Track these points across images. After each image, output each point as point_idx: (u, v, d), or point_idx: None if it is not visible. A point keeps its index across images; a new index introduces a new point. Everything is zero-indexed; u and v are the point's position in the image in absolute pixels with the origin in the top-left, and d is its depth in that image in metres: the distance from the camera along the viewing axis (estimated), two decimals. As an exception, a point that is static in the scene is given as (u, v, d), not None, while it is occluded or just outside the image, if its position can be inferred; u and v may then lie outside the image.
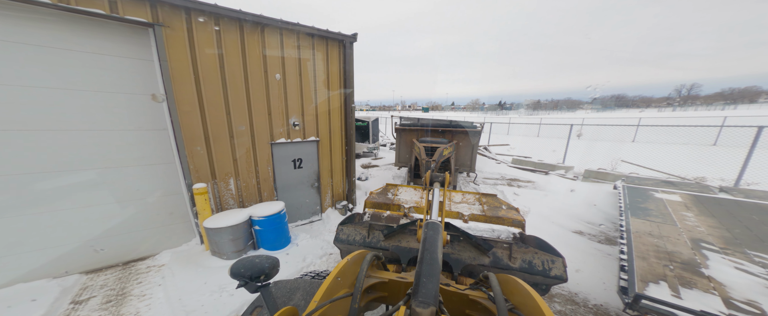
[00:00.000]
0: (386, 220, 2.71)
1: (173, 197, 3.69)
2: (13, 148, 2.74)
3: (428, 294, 0.86)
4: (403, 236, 2.34)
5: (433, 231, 1.25)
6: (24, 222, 2.90)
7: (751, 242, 2.86)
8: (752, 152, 5.47)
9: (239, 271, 0.96)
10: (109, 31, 2.93)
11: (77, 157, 3.05)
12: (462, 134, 6.70)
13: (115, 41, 2.98)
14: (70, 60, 2.82)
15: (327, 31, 4.54)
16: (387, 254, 2.33)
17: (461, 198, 3.11)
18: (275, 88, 4.21)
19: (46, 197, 2.95)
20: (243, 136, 3.99)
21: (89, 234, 3.25)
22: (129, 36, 3.02)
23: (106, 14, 2.73)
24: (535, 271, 1.99)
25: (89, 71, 2.93)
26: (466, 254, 2.12)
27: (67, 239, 3.15)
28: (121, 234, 3.44)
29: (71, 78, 2.87)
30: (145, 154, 3.42)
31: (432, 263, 1.01)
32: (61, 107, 2.87)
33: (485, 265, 2.07)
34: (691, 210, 3.81)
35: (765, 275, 2.27)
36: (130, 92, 3.18)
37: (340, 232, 2.53)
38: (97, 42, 2.90)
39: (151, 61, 3.18)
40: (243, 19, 3.65)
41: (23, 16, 2.58)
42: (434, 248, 1.12)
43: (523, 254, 2.07)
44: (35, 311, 2.54)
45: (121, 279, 3.16)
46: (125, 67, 3.08)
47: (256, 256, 1.02)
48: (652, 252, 2.72)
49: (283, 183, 4.77)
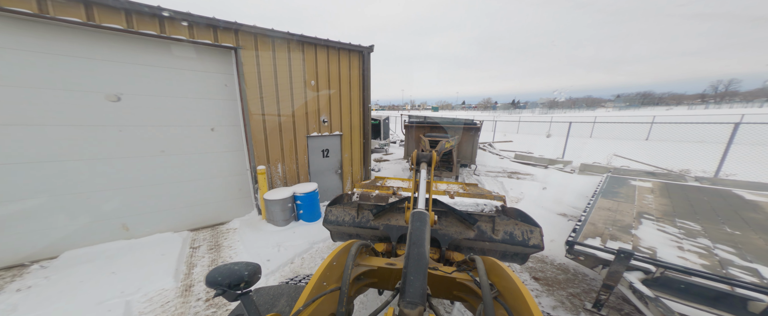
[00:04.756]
0: (375, 199, 2.71)
1: (241, 176, 4.94)
2: (149, 141, 4.01)
3: (415, 293, 0.85)
4: (392, 215, 2.36)
5: (420, 222, 1.22)
6: (156, 192, 4.20)
7: (686, 214, 3.61)
8: (729, 147, 5.99)
9: (216, 279, 0.89)
10: (208, 54, 4.15)
11: (185, 146, 4.30)
12: (465, 131, 7.57)
13: (211, 61, 4.21)
14: (182, 77, 4.06)
15: (349, 44, 5.58)
16: (377, 233, 2.34)
17: (446, 187, 3.35)
18: (310, 92, 5.31)
19: (163, 174, 4.22)
20: (288, 131, 5.13)
21: (193, 202, 4.56)
22: (219, 57, 4.24)
23: (212, 43, 3.95)
24: (515, 242, 2.10)
25: (192, 84, 4.16)
26: (452, 228, 2.18)
27: (180, 205, 4.45)
28: (209, 203, 4.72)
29: (181, 89, 4.10)
30: (225, 144, 4.67)
31: (419, 259, 1.00)
32: (173, 111, 4.11)
33: (471, 239, 2.14)
34: (653, 193, 4.53)
35: (674, 233, 3.07)
36: (216, 98, 4.41)
37: (328, 213, 2.51)
38: (200, 63, 4.13)
39: (232, 75, 4.38)
40: (290, 39, 4.76)
41: (158, 48, 3.80)
42: (421, 241, 1.10)
43: (505, 226, 2.17)
44: (174, 250, 3.82)
45: (213, 236, 4.42)
46: (214, 80, 4.30)
47: (235, 263, 0.96)
48: (602, 220, 3.55)
49: (315, 169, 5.90)
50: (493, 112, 75.86)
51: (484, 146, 11.85)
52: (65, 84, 3.34)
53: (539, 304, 3.08)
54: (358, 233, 2.47)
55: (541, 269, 3.78)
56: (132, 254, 3.68)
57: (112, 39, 3.48)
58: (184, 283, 3.19)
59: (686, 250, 2.69)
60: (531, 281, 3.48)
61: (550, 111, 78.02)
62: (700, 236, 2.99)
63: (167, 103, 4.03)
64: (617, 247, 2.61)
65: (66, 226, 3.63)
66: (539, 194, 6.53)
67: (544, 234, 2.14)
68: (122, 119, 3.76)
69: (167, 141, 4.14)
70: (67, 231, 3.65)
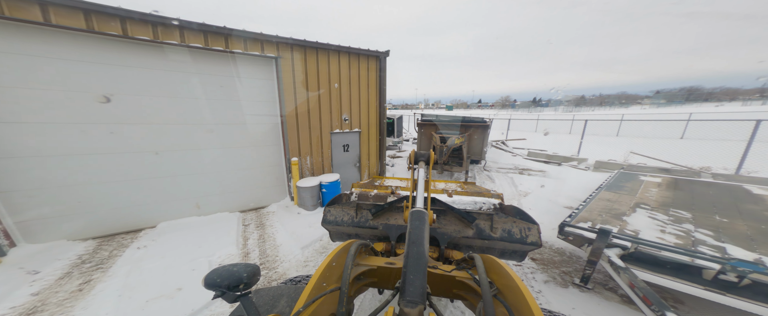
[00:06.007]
0: (374, 199, 2.67)
1: (277, 167, 5.81)
2: (218, 138, 4.96)
3: (415, 292, 0.86)
4: (391, 214, 2.35)
5: (418, 221, 1.23)
6: (219, 179, 5.16)
7: (683, 205, 3.82)
8: (751, 144, 5.82)
9: (215, 281, 0.87)
10: (255, 63, 5.03)
11: (239, 141, 5.25)
12: (473, 128, 7.95)
13: (256, 69, 5.08)
14: (240, 83, 4.98)
15: (367, 50, 6.23)
16: (376, 232, 2.35)
17: (445, 186, 3.43)
18: (334, 93, 6.04)
19: (224, 164, 5.18)
20: (315, 128, 5.91)
21: (242, 188, 5.51)
22: (263, 65, 5.10)
23: (259, 54, 4.81)
24: (514, 239, 2.11)
25: (242, 89, 5.05)
26: (451, 227, 2.19)
27: (234, 191, 5.41)
28: (254, 189, 5.65)
29: (235, 94, 5.00)
30: (266, 139, 5.56)
31: (419, 258, 1.00)
32: (233, 111, 5.02)
33: (469, 237, 2.15)
34: (659, 187, 4.69)
35: (663, 220, 3.35)
36: (260, 100, 5.28)
37: (327, 213, 2.49)
38: (248, 70, 5.00)
39: (272, 81, 5.23)
40: (319, 48, 5.51)
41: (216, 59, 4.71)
42: (421, 240, 1.11)
43: (503, 224, 2.18)
44: (232, 226, 4.76)
45: (258, 217, 5.32)
46: (259, 85, 5.17)
47: (234, 264, 0.94)
48: (598, 209, 3.88)
49: (337, 162, 6.64)
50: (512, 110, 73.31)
51: (497, 144, 11.99)
52: (190, 94, 4.59)
53: (533, 279, 3.52)
54: (358, 232, 2.48)
55: (539, 252, 4.17)
56: (204, 227, 4.67)
57: (204, 56, 4.56)
58: (243, 251, 4.04)
59: (667, 232, 3.01)
60: (529, 261, 3.91)
61: (577, 109, 73.59)
62: (686, 222, 3.26)
63: (228, 105, 4.98)
64: (598, 227, 3.00)
65: (162, 203, 4.74)
66: (550, 190, 6.77)
67: (541, 231, 2.17)
68: (209, 119, 4.82)
69: (229, 137, 5.12)
70: (162, 207, 4.75)
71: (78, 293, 3.04)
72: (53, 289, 3.09)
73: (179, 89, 4.47)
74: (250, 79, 5.06)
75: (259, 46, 4.79)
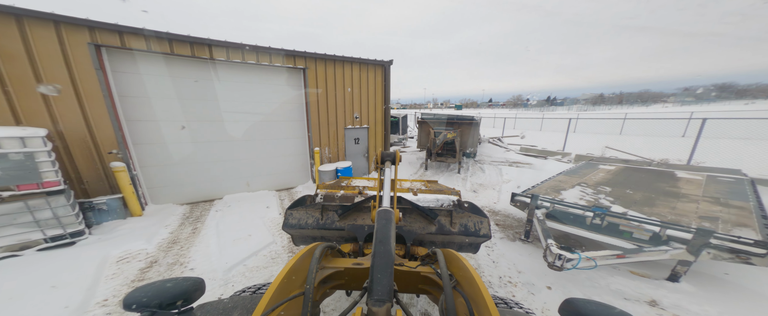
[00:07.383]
0: (340, 200, 2.58)
1: (302, 156, 7.42)
2: (265, 130, 6.56)
3: (383, 291, 0.88)
4: (358, 214, 2.35)
5: (385, 220, 1.25)
6: (264, 163, 6.80)
7: (612, 184, 4.96)
8: (698, 140, 6.74)
9: (140, 300, 0.76)
10: (290, 73, 6.58)
11: (278, 133, 6.85)
12: (466, 125, 9.18)
13: (288, 78, 6.64)
14: (271, 89, 6.53)
15: (375, 60, 7.63)
16: (343, 233, 2.34)
17: (410, 185, 3.62)
18: (347, 96, 7.50)
19: (267, 152, 6.81)
20: (332, 124, 7.41)
21: (278, 172, 7.13)
22: (293, 75, 6.65)
23: (292, 66, 6.36)
24: (469, 233, 2.31)
25: (277, 94, 6.61)
26: (416, 224, 2.30)
27: (272, 173, 7.03)
28: (286, 173, 7.28)
29: (273, 97, 6.57)
30: (296, 132, 7.15)
31: (386, 256, 1.02)
32: (275, 111, 6.61)
33: (433, 233, 2.27)
34: (607, 173, 5.80)
35: (589, 193, 4.54)
36: (291, 102, 6.84)
37: (289, 217, 2.41)
38: (282, 79, 6.56)
39: (300, 87, 6.77)
40: (336, 59, 6.96)
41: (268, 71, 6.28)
42: (387, 238, 1.12)
43: (461, 219, 2.36)
44: (273, 200, 6.34)
45: (289, 195, 6.90)
46: (290, 91, 6.73)
47: (167, 280, 0.83)
48: (547, 187, 5.09)
49: (349, 152, 8.12)
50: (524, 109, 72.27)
51: (493, 141, 13.07)
52: (248, 99, 6.27)
53: (493, 233, 4.82)
54: (323, 235, 2.45)
55: (503, 221, 5.46)
56: (253, 200, 6.32)
57: (252, 70, 6.16)
58: (282, 216, 5.59)
59: (582, 200, 4.22)
60: (494, 226, 5.20)
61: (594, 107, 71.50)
62: (602, 194, 4.45)
63: (272, 106, 6.59)
64: (531, 194, 4.27)
65: (226, 180, 6.46)
66: (529, 178, 7.94)
67: (491, 225, 2.48)
68: (267, 115, 6.52)
69: (272, 130, 6.76)
70: (226, 184, 6.47)
71: (193, 232, 4.73)
72: (178, 231, 4.79)
73: (246, 95, 6.14)
74: (286, 86, 6.63)
75: (292, 60, 6.32)
